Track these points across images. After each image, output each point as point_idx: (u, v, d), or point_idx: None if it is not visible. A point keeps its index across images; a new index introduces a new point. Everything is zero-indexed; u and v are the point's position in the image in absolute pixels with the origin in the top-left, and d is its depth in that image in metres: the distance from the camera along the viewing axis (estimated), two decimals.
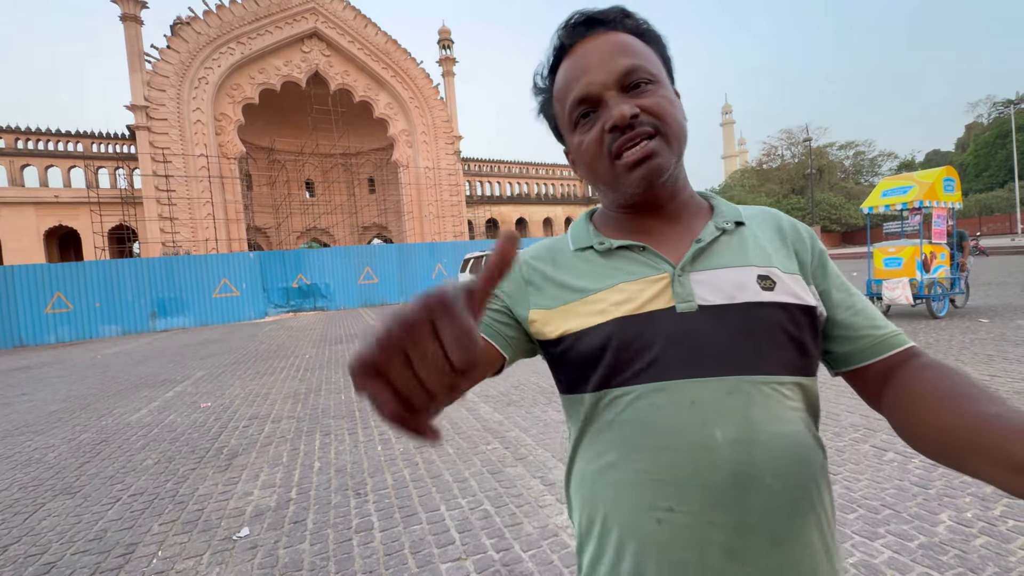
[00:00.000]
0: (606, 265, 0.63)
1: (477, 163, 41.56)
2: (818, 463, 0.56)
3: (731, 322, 0.56)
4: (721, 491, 0.51)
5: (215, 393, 6.04)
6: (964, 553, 1.98)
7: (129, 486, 3.35)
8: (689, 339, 0.56)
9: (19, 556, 2.53)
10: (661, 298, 0.58)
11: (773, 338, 0.56)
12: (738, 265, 0.59)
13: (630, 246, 0.63)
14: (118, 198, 26.72)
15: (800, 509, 0.53)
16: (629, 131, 0.57)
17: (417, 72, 32.32)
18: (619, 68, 0.58)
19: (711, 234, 0.61)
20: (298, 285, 18.39)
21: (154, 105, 24.34)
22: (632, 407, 0.56)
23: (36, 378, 8.30)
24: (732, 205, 0.68)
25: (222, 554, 2.41)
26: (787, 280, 0.59)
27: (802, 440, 0.55)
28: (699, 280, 0.58)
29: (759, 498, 0.51)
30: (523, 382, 5.39)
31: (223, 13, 26.15)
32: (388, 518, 2.65)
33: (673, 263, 0.60)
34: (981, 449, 0.40)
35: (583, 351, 0.60)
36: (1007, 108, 48.46)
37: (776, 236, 0.64)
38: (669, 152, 0.59)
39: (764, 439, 0.52)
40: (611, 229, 0.68)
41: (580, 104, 0.60)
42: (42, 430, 4.96)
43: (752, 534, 0.51)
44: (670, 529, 0.52)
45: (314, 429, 4.32)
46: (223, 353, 9.53)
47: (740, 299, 0.57)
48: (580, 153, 0.63)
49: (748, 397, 0.53)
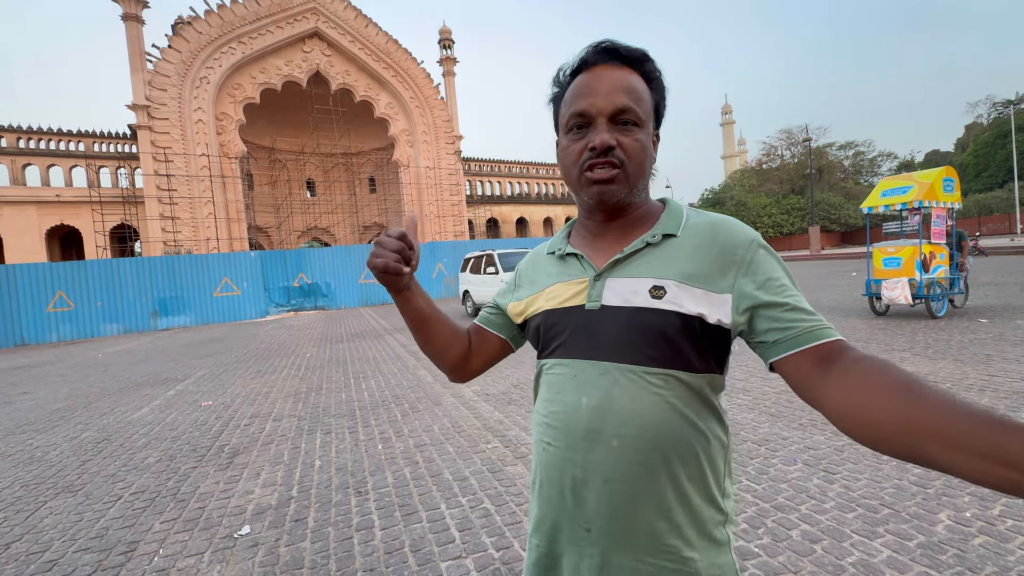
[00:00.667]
0: (557, 267, 0.83)
1: (478, 163, 41.56)
2: (675, 437, 0.68)
3: (619, 321, 0.71)
4: (577, 439, 0.71)
5: (216, 392, 6.05)
6: (963, 552, 1.99)
7: (130, 484, 3.36)
8: (587, 330, 0.74)
9: (21, 554, 2.54)
10: (579, 297, 0.76)
11: (648, 337, 0.69)
12: (640, 276, 0.72)
13: (575, 254, 0.80)
14: (119, 197, 26.76)
15: (639, 464, 0.68)
16: (602, 157, 0.71)
17: (418, 72, 32.33)
18: (617, 104, 0.70)
19: (635, 247, 0.74)
20: (299, 284, 18.40)
21: (155, 104, 24.36)
22: (549, 373, 0.79)
23: (38, 376, 8.32)
24: (678, 217, 0.77)
25: (223, 552, 2.42)
26: (680, 291, 0.68)
27: (656, 417, 0.68)
28: (610, 285, 0.73)
29: (600, 450, 0.70)
30: (523, 381, 5.40)
31: (224, 13, 26.18)
32: (389, 516, 2.66)
33: (597, 269, 0.76)
34: (945, 438, 0.44)
35: (531, 331, 0.85)
36: (1007, 108, 48.37)
37: (705, 248, 0.71)
38: (624, 184, 0.72)
39: (616, 409, 0.69)
40: (576, 237, 0.85)
41: (578, 116, 0.73)
42: (44, 428, 4.97)
43: (592, 472, 0.70)
44: (548, 457, 0.75)
45: (315, 428, 4.33)
46: (224, 352, 9.54)
47: (632, 303, 0.71)
48: (563, 153, 0.77)
49: (614, 378, 0.70)
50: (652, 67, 0.74)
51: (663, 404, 0.68)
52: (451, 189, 34.20)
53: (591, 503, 0.71)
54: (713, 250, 0.71)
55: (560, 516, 0.74)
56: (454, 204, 34.33)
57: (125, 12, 24.41)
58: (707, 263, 0.70)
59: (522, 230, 44.03)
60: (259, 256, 17.69)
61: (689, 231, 0.74)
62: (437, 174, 33.41)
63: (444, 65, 35.66)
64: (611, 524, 0.70)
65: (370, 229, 37.76)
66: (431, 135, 33.17)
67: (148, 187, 24.49)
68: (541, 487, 0.77)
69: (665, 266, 0.71)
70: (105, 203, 26.57)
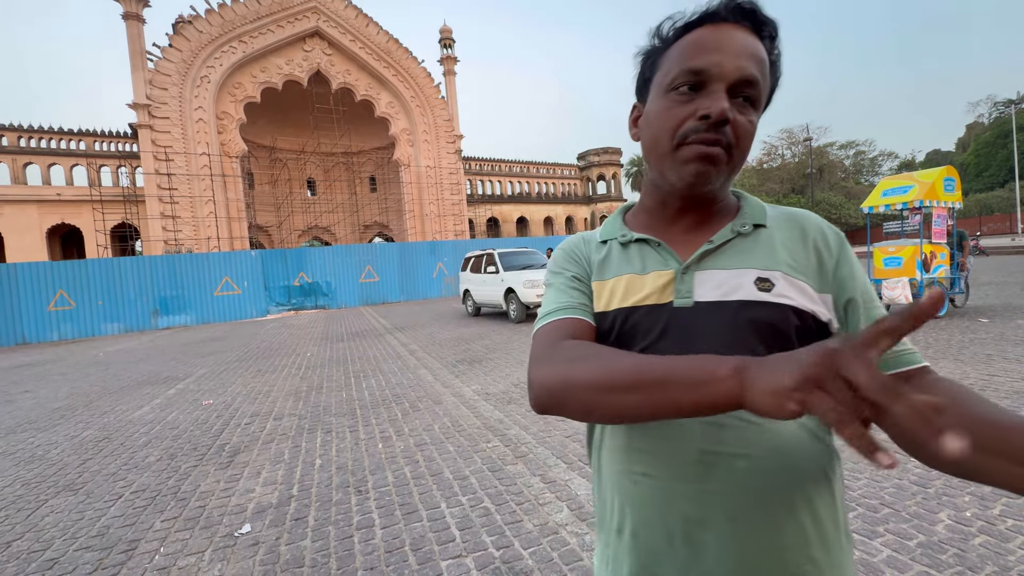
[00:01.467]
0: (622, 256, 0.69)
1: (478, 162, 41.53)
2: (808, 456, 0.57)
3: (722, 317, 0.60)
4: (687, 465, 0.58)
5: (217, 391, 6.06)
6: (963, 552, 1.99)
7: (131, 483, 3.36)
8: (680, 331, 0.61)
9: (22, 552, 2.54)
10: (664, 292, 0.63)
11: (759, 335, 0.58)
12: (741, 267, 0.62)
13: (647, 240, 0.67)
14: (120, 196, 26.76)
15: (773, 492, 0.56)
16: (713, 130, 0.58)
17: (418, 71, 32.31)
18: (745, 72, 0.58)
19: (724, 236, 0.64)
20: (300, 283, 18.40)
21: (156, 103, 24.36)
22: None
23: (39, 375, 8.33)
24: (760, 207, 0.68)
25: (224, 551, 2.43)
26: (788, 284, 0.60)
27: (782, 430, 0.57)
28: (702, 278, 0.62)
29: (721, 477, 0.56)
30: (523, 380, 5.40)
31: (225, 12, 26.16)
32: (389, 515, 2.66)
33: (682, 260, 0.64)
34: (986, 446, 0.41)
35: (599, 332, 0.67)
36: (1008, 108, 48.33)
37: (797, 240, 0.64)
38: (725, 171, 0.60)
39: (735, 424, 0.56)
40: (638, 223, 0.72)
41: (692, 74, 0.59)
42: (45, 427, 4.98)
43: (711, 507, 0.57)
44: (643, 491, 0.61)
45: (315, 427, 4.33)
46: (225, 351, 9.55)
47: (734, 297, 0.60)
48: (657, 116, 0.62)
49: None
50: (776, 44, 0.62)
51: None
52: (452, 188, 34.18)
53: (712, 549, 0.57)
54: (807, 243, 0.63)
55: (667, 570, 0.59)
56: (455, 203, 34.31)
57: (126, 11, 24.39)
58: (804, 257, 0.62)
59: (522, 229, 44.02)
60: (260, 255, 17.70)
61: (775, 221, 0.66)
62: (438, 173, 33.39)
63: (445, 64, 35.63)
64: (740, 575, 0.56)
65: (370, 228, 37.77)
66: (432, 134, 33.15)
67: (149, 186, 24.50)
68: (635, 534, 0.62)
69: (766, 256, 0.62)
70: (106, 202, 26.57)
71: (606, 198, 45.53)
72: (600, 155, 45.67)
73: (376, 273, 19.61)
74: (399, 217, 35.46)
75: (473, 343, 8.23)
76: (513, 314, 10.33)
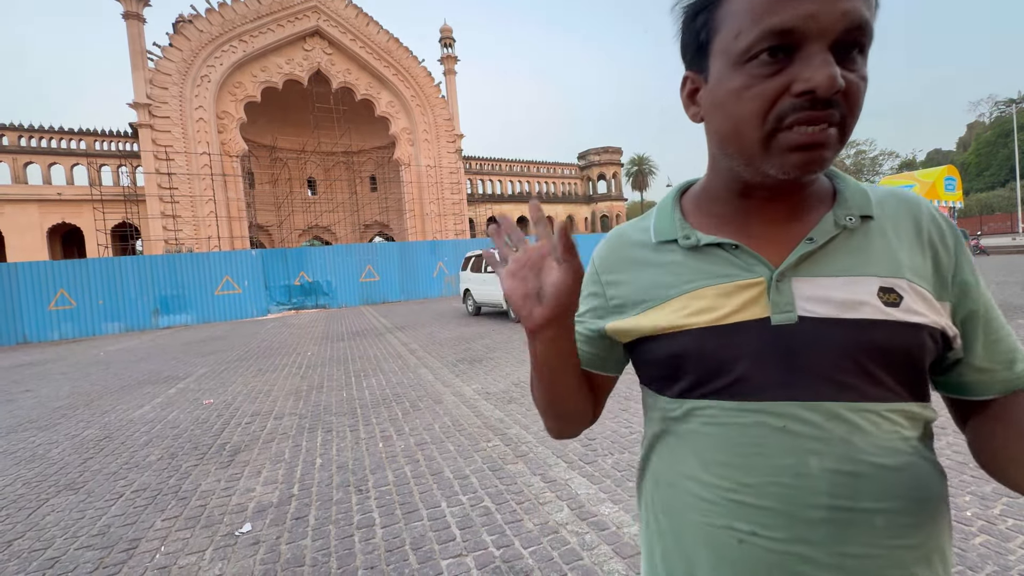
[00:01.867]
0: (691, 265, 0.55)
1: (478, 161, 41.51)
2: (939, 496, 0.50)
3: (838, 340, 0.48)
4: (813, 524, 0.47)
5: (217, 390, 6.06)
6: (963, 551, 1.99)
7: (132, 482, 3.36)
8: (784, 356, 0.49)
9: (23, 551, 2.55)
10: (754, 307, 0.50)
11: (890, 363, 0.48)
12: (856, 273, 0.49)
13: (723, 243, 0.54)
14: (121, 195, 26.77)
15: (912, 550, 0.47)
16: (820, 108, 0.44)
17: (419, 70, 32.30)
18: (853, 17, 0.43)
19: (827, 232, 0.51)
20: (300, 283, 18.41)
21: (156, 103, 24.37)
22: (714, 423, 0.51)
23: (40, 374, 8.34)
24: (862, 190, 0.54)
25: (224, 550, 2.43)
26: (916, 295, 0.49)
27: (919, 473, 0.48)
28: (804, 288, 0.50)
29: (860, 537, 0.46)
30: (523, 380, 5.40)
31: (225, 11, 26.16)
32: (389, 515, 2.66)
33: (772, 266, 0.51)
34: None
35: (660, 357, 0.56)
36: (1009, 107, 48.28)
37: (912, 234, 0.52)
38: (835, 150, 0.46)
39: (870, 472, 0.46)
40: (704, 216, 0.57)
41: (776, 37, 0.43)
42: (46, 426, 4.98)
43: (847, 573, 0.46)
44: (752, 552, 0.48)
45: (316, 426, 4.33)
46: (225, 350, 9.55)
47: (855, 314, 0.48)
48: (734, 97, 0.47)
49: (852, 426, 0.47)
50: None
51: (918, 453, 0.49)
52: (452, 188, 34.17)
53: None
54: (922, 238, 0.52)
55: None
56: (455, 203, 34.30)
57: (126, 10, 24.40)
58: (921, 256, 0.51)
59: (523, 229, 43.89)
60: (260, 254, 17.70)
61: (882, 209, 0.53)
62: (438, 172, 33.39)
63: (445, 63, 35.62)
64: None
65: (371, 228, 37.78)
66: (432, 133, 33.14)
67: (149, 185, 24.51)
68: None
69: (886, 259, 0.50)
70: (106, 201, 26.58)
71: (606, 198, 45.53)
72: (600, 154, 45.67)
73: (376, 272, 19.61)
74: (399, 216, 35.47)
75: (473, 342, 8.23)
76: (513, 314, 10.30)
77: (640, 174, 55.01)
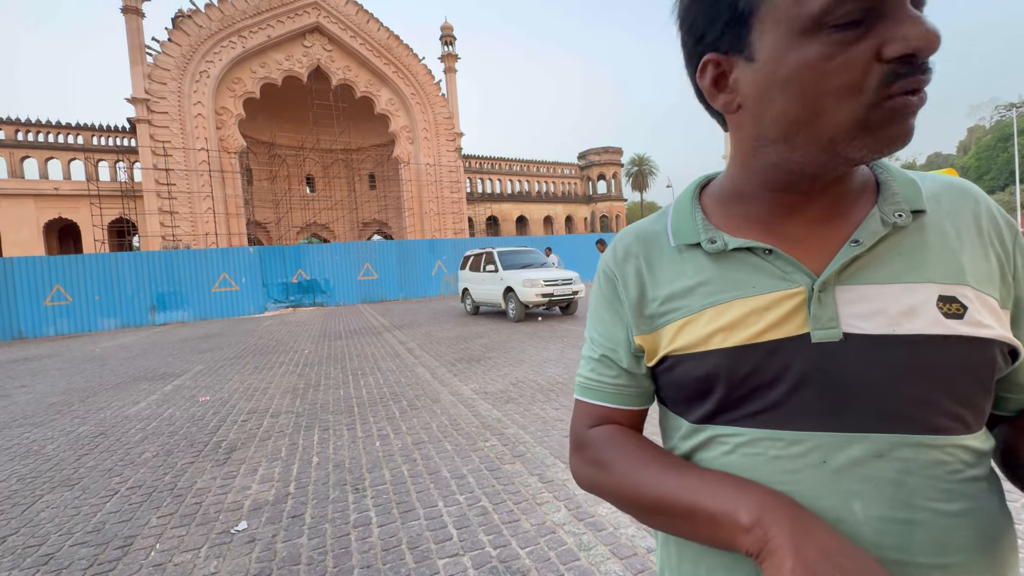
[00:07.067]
0: (717, 273, 0.48)
1: (478, 160, 41.50)
2: (1008, 547, 0.43)
3: (893, 360, 0.41)
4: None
5: (214, 387, 6.04)
6: None
7: (127, 479, 3.35)
8: (827, 379, 0.42)
9: (17, 547, 2.53)
10: (792, 322, 0.44)
11: (954, 386, 0.41)
12: (911, 280, 0.43)
13: (752, 248, 0.47)
14: (118, 191, 26.69)
15: None
16: (921, 72, 0.38)
17: (419, 68, 32.26)
18: None
19: (874, 232, 0.44)
20: (298, 280, 18.37)
21: (155, 98, 24.28)
22: (741, 452, 0.45)
23: (35, 370, 8.30)
24: (908, 177, 0.48)
25: (220, 547, 2.42)
26: (982, 304, 0.42)
27: (985, 520, 0.42)
28: (849, 298, 0.43)
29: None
30: (521, 379, 5.39)
31: (225, 7, 26.08)
32: (386, 514, 2.65)
33: (813, 273, 0.44)
34: None
35: (683, 379, 0.49)
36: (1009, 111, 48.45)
37: (973, 231, 0.45)
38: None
39: (927, 520, 0.40)
40: (728, 216, 0.51)
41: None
42: (41, 422, 4.96)
43: None
44: None
45: (313, 424, 4.32)
46: (222, 347, 9.53)
47: (909, 329, 0.41)
48: (816, 72, 0.39)
49: (907, 464, 0.40)
50: None
51: (984, 496, 0.42)
52: (451, 186, 34.15)
53: None
54: (983, 236, 0.45)
55: None
56: (454, 201, 34.28)
57: (125, 5, 24.30)
58: (983, 257, 0.45)
59: (522, 228, 43.99)
60: (258, 252, 17.66)
61: (937, 203, 0.46)
62: (437, 171, 33.36)
63: (445, 61, 35.58)
64: None
65: (369, 226, 37.73)
66: (432, 132, 33.11)
67: (147, 181, 24.42)
68: None
69: (945, 262, 0.43)
70: (103, 197, 26.48)
71: (606, 198, 45.57)
72: (601, 154, 45.71)
73: (375, 271, 19.59)
74: (398, 215, 35.43)
75: (472, 342, 8.22)
76: (512, 313, 10.33)
77: (640, 174, 55.07)
